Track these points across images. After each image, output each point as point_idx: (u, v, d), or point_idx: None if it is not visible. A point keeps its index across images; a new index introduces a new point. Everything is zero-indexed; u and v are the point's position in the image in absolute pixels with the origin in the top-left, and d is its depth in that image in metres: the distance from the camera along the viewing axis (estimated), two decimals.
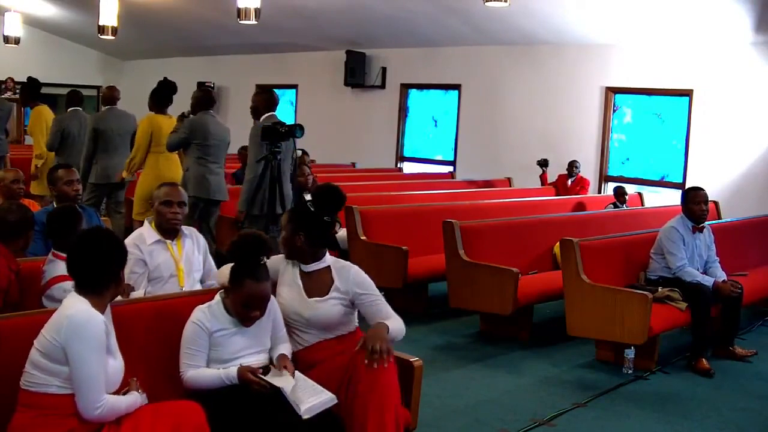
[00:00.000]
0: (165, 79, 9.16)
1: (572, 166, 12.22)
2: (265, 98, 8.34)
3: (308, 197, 7.63)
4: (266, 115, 8.18)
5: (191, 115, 8.62)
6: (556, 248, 7.79)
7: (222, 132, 8.71)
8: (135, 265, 5.01)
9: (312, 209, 4.54)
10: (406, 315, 8.01)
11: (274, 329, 4.30)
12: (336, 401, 4.03)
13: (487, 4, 9.20)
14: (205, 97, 8.72)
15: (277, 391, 3.90)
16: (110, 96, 9.95)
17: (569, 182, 12.19)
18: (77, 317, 3.45)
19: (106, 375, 3.49)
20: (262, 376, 3.97)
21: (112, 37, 14.22)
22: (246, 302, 4.06)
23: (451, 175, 14.12)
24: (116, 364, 3.59)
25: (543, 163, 12.61)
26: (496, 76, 13.92)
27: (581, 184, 12.16)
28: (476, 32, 13.28)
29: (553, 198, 11.33)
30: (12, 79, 16.97)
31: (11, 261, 4.82)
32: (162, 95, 9.09)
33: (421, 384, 4.46)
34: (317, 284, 4.49)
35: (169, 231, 5.18)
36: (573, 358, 7.11)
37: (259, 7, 11.05)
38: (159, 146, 8.87)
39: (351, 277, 4.50)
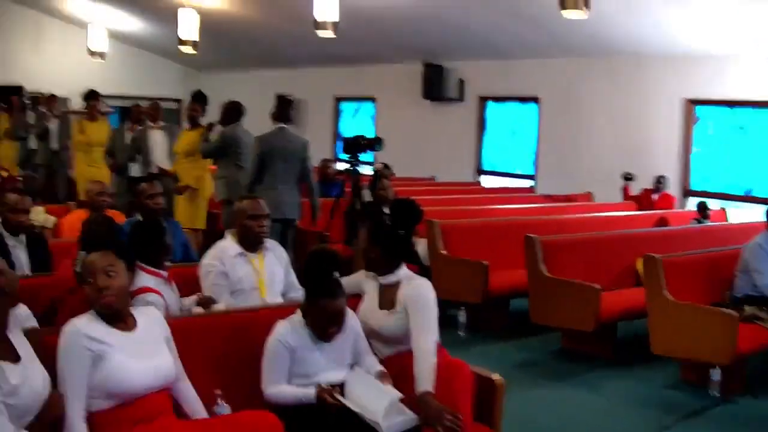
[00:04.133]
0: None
1: (659, 181, 11.95)
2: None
3: (387, 210, 7.65)
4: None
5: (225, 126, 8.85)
6: (639, 264, 7.65)
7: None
8: (217, 278, 5.05)
9: (388, 223, 4.55)
10: (487, 331, 8.06)
11: (356, 343, 4.29)
12: (418, 422, 3.99)
13: (565, 14, 9.10)
14: (283, 109, 8.77)
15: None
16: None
17: (654, 197, 11.93)
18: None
19: (105, 375, 3.44)
20: (340, 398, 3.94)
21: (192, 50, 14.46)
22: (322, 318, 4.06)
23: (532, 189, 14.01)
24: (135, 365, 3.54)
25: (628, 177, 12.30)
26: (575, 88, 13.77)
27: (667, 201, 11.88)
28: (554, 43, 13.17)
29: (636, 213, 11.13)
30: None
31: None
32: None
33: (502, 401, 4.38)
34: (389, 297, 4.49)
35: (252, 244, 5.20)
36: (657, 378, 6.95)
37: (337, 19, 11.12)
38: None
39: (408, 292, 4.43)
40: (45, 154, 13.14)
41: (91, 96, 11.99)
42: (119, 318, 3.59)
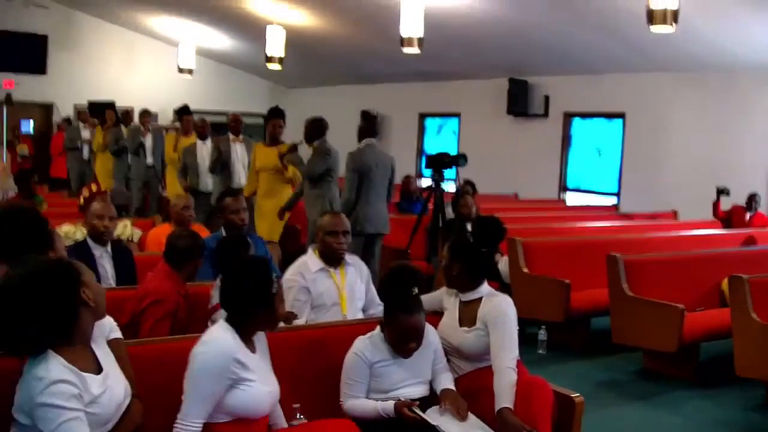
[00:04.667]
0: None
1: (752, 199, 11.59)
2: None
3: (470, 227, 7.67)
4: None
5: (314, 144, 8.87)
6: (725, 285, 7.51)
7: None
8: (298, 293, 5.11)
9: (471, 240, 4.55)
10: (567, 349, 8.01)
11: (434, 359, 4.31)
12: None
13: (653, 29, 9.01)
14: (369, 126, 8.85)
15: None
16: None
17: (747, 216, 11.62)
18: (202, 344, 3.55)
19: (240, 401, 3.52)
20: (420, 412, 3.97)
21: (279, 67, 14.69)
22: (400, 334, 4.09)
23: (615, 207, 13.86)
24: (265, 389, 3.63)
25: (722, 191, 11.74)
26: (662, 104, 13.60)
27: (762, 220, 11.53)
28: (641, 58, 13.03)
29: (722, 232, 10.92)
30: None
31: (180, 285, 5.01)
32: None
33: (581, 420, 4.36)
34: (469, 314, 4.51)
35: (333, 260, 5.26)
36: (741, 401, 6.80)
37: (422, 36, 11.18)
38: None
39: (489, 308, 4.45)
40: (139, 169, 13.42)
41: (184, 111, 12.23)
42: (249, 340, 3.67)
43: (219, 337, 3.57)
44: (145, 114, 14.15)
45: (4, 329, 2.98)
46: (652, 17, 8.79)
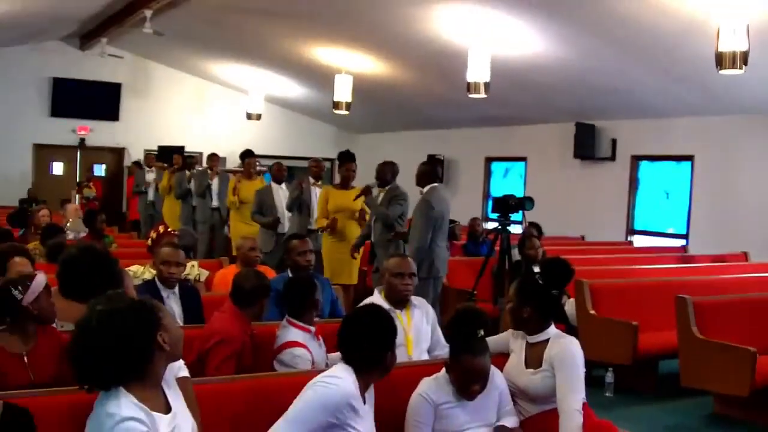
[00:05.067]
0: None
1: None
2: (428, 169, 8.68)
3: (537, 269, 7.65)
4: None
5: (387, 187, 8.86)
6: None
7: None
8: None
9: (540, 282, 4.55)
10: (635, 392, 7.91)
11: (501, 402, 4.29)
12: None
13: (722, 72, 8.94)
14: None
15: None
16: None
17: None
18: (327, 377, 3.69)
19: None
20: None
21: (346, 112, 14.88)
22: (465, 376, 4.08)
23: (684, 248, 13.70)
24: None
25: None
26: (732, 146, 13.44)
27: None
28: (709, 101, 12.91)
29: None
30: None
31: (246, 325, 5.07)
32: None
33: None
34: (536, 356, 4.49)
35: (399, 301, 5.28)
36: None
37: (488, 80, 11.23)
38: None
39: (556, 350, 4.42)
40: (205, 212, 13.57)
41: (247, 155, 12.39)
42: (366, 388, 3.81)
43: (345, 378, 3.70)
44: (214, 157, 14.28)
45: (83, 362, 3.04)
46: (721, 60, 8.71)
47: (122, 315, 3.07)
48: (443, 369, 4.24)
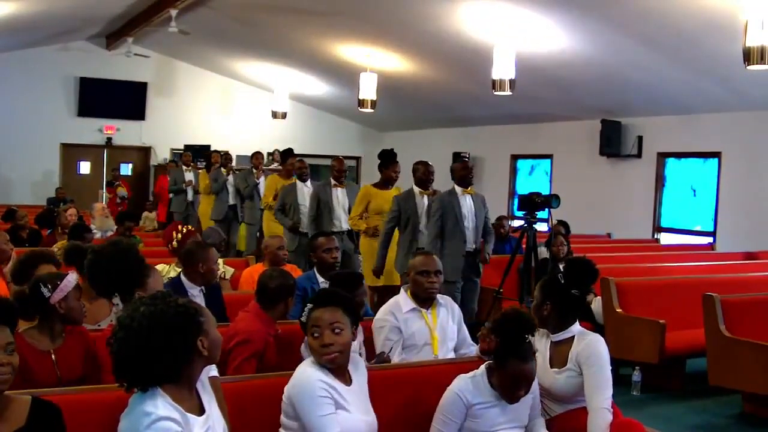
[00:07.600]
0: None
1: None
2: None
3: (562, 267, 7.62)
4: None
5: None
6: None
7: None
8: (390, 333, 5.13)
9: (562, 281, 4.53)
10: (662, 391, 7.86)
11: (533, 405, 4.28)
12: None
13: (749, 67, 8.87)
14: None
15: None
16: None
17: None
18: (296, 377, 3.74)
19: (342, 426, 3.64)
20: None
21: (371, 110, 14.89)
22: (513, 381, 4.04)
23: (711, 246, 13.61)
24: (364, 418, 3.76)
25: None
26: (759, 143, 13.31)
27: None
28: (737, 97, 12.82)
29: None
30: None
31: (270, 325, 5.05)
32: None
33: None
34: (560, 355, 4.49)
35: (425, 300, 5.27)
36: None
37: (514, 78, 11.21)
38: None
39: (582, 348, 4.41)
40: (255, 213, 13.37)
41: (288, 154, 12.37)
42: (341, 372, 3.79)
43: (301, 371, 3.76)
44: (258, 156, 13.95)
45: (123, 360, 3.05)
46: (748, 56, 8.65)
47: (166, 318, 3.07)
48: (482, 368, 4.19)
